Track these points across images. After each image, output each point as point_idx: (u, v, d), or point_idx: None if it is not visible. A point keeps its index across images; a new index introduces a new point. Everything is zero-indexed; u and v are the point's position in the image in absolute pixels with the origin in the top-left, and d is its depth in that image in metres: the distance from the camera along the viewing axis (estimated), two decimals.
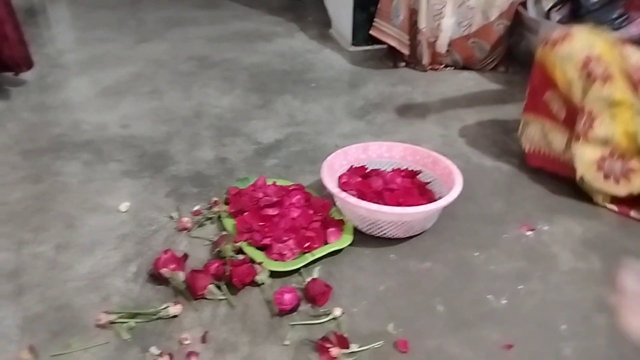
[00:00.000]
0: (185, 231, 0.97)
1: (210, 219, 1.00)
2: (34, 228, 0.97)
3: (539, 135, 1.12)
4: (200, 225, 0.98)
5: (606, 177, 1.00)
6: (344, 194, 0.89)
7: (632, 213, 1.01)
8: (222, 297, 0.81)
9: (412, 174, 1.05)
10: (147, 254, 0.91)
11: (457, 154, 1.22)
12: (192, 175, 1.16)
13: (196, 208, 1.03)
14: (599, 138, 0.98)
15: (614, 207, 1.03)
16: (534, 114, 1.12)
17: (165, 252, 0.84)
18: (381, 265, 0.88)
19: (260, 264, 0.84)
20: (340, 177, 1.02)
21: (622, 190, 1.00)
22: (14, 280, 0.85)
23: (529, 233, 0.96)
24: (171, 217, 1.00)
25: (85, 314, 0.78)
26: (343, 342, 0.70)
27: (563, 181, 1.08)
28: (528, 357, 0.70)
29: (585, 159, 1.00)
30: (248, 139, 1.33)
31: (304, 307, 0.79)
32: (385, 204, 0.91)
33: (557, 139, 1.08)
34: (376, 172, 1.06)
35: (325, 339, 0.71)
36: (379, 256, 0.90)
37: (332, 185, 0.92)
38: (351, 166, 1.07)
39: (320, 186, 1.10)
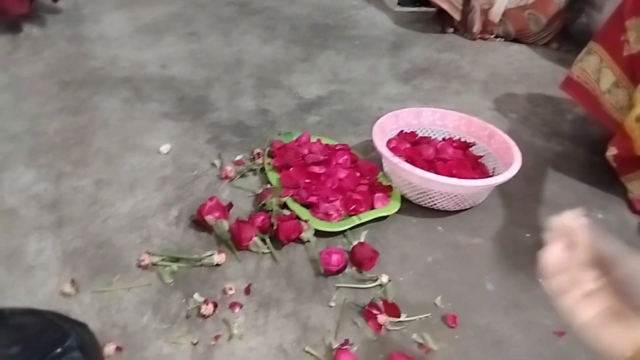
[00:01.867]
0: (227, 180, 0.94)
1: (253, 170, 0.97)
2: (74, 161, 0.95)
3: (593, 67, 1.04)
4: (243, 175, 0.96)
5: None
6: (397, 159, 0.86)
7: None
8: (267, 251, 0.79)
9: (465, 146, 1.00)
10: (188, 199, 0.89)
11: (506, 130, 1.15)
12: (233, 124, 1.12)
13: (238, 158, 1.00)
14: None
15: None
16: (601, 43, 1.03)
17: (211, 199, 0.82)
18: (428, 236, 0.85)
19: (306, 221, 0.81)
20: (388, 142, 0.98)
21: None
22: (54, 212, 0.83)
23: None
24: (213, 165, 0.98)
25: (127, 254, 0.77)
26: (393, 310, 0.68)
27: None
28: (578, 346, 0.68)
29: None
30: (289, 92, 1.28)
31: (349, 270, 0.77)
32: (437, 174, 0.88)
33: (607, 77, 1.01)
34: (427, 140, 1.01)
35: (372, 304, 0.69)
36: (427, 227, 0.87)
37: (384, 149, 0.88)
38: (401, 131, 1.02)
39: (365, 149, 1.07)
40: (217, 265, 0.75)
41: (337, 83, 1.34)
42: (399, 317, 0.67)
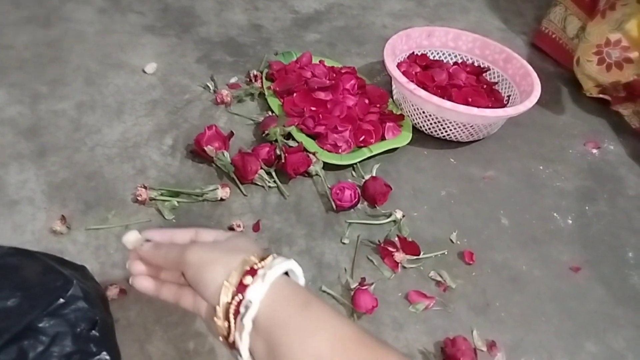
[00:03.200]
0: (223, 105, 0.86)
1: (251, 95, 0.89)
2: (50, 81, 0.84)
3: (559, 17, 1.10)
4: (240, 101, 0.87)
5: (600, 62, 0.95)
6: (412, 86, 0.79)
7: (617, 107, 0.98)
8: (273, 185, 0.73)
9: (479, 70, 0.94)
10: (182, 126, 0.81)
11: (517, 53, 1.10)
12: (224, 41, 1.01)
13: (233, 80, 0.91)
14: (614, 19, 0.92)
15: (601, 96, 0.99)
16: None
17: (209, 127, 0.74)
18: (441, 168, 0.81)
19: (314, 154, 0.75)
20: (398, 65, 0.90)
21: (609, 78, 0.95)
22: (33, 139, 0.75)
23: (594, 151, 0.90)
24: (207, 87, 0.89)
25: (121, 187, 0.70)
26: (411, 248, 0.65)
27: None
28: (596, 281, 0.68)
29: (590, 40, 0.95)
30: (284, 5, 1.16)
31: (361, 205, 0.73)
32: (452, 102, 0.82)
33: (573, 24, 1.06)
34: (439, 64, 0.94)
35: (388, 241, 0.66)
36: (439, 159, 0.83)
37: (398, 74, 0.81)
38: (412, 53, 0.94)
39: (370, 72, 0.99)
40: (221, 200, 0.70)
41: None
42: (418, 255, 0.65)
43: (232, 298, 0.35)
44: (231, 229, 0.66)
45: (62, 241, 0.63)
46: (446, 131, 0.82)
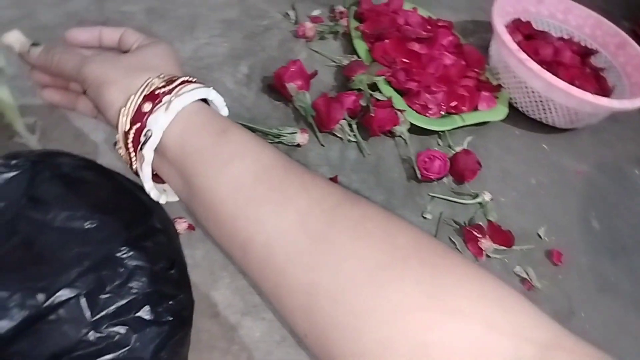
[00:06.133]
0: (304, 40, 0.77)
1: (334, 33, 0.80)
2: None
3: None
4: (322, 37, 0.79)
5: None
6: (524, 55, 0.70)
7: None
8: (352, 139, 0.67)
9: (586, 52, 0.84)
10: (259, 55, 0.73)
11: None
12: None
13: (316, 13, 0.82)
14: None
15: None
16: None
17: (294, 62, 0.66)
18: (533, 153, 0.74)
19: (402, 112, 0.68)
20: None
21: None
22: None
23: None
24: (287, 16, 0.80)
25: None
26: (502, 237, 0.59)
27: None
28: None
29: None
30: None
31: (445, 179, 0.66)
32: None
33: None
34: (543, 36, 0.84)
35: (476, 225, 0.60)
36: (531, 142, 0.75)
37: (508, 39, 0.72)
38: (517, 18, 0.84)
39: (464, 31, 0.90)
40: (298, 145, 0.63)
41: None
42: (509, 246, 0.59)
43: (131, 126, 0.31)
44: None
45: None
46: (546, 113, 0.74)
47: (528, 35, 0.83)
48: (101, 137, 0.57)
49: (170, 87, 0.31)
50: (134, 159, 0.33)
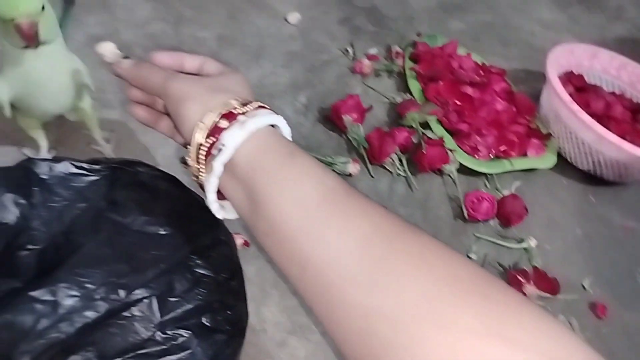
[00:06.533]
0: (360, 75, 0.81)
1: (389, 72, 0.83)
2: (195, 5, 0.81)
3: None
4: (377, 75, 0.82)
5: None
6: (576, 107, 0.71)
7: None
8: (402, 174, 0.69)
9: (638, 108, 0.84)
10: (317, 87, 0.77)
11: None
12: (367, 8, 0.95)
13: (372, 52, 0.85)
14: None
15: None
16: None
17: (351, 96, 0.70)
18: (579, 204, 0.74)
19: (452, 151, 0.70)
20: None
21: None
22: None
23: None
24: (345, 52, 0.84)
25: None
26: (547, 284, 0.59)
27: None
28: None
29: None
30: None
31: (492, 221, 0.67)
32: None
33: None
34: (594, 90, 0.85)
35: (520, 270, 0.61)
36: (578, 193, 0.75)
37: (561, 89, 0.73)
38: (570, 71, 0.86)
39: (515, 79, 0.91)
40: (350, 175, 0.66)
41: None
42: (555, 294, 0.59)
43: (206, 139, 0.33)
44: None
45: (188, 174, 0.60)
46: (595, 165, 0.75)
47: (580, 88, 0.85)
48: (169, 152, 0.61)
49: (246, 109, 0.34)
50: (202, 170, 0.35)
